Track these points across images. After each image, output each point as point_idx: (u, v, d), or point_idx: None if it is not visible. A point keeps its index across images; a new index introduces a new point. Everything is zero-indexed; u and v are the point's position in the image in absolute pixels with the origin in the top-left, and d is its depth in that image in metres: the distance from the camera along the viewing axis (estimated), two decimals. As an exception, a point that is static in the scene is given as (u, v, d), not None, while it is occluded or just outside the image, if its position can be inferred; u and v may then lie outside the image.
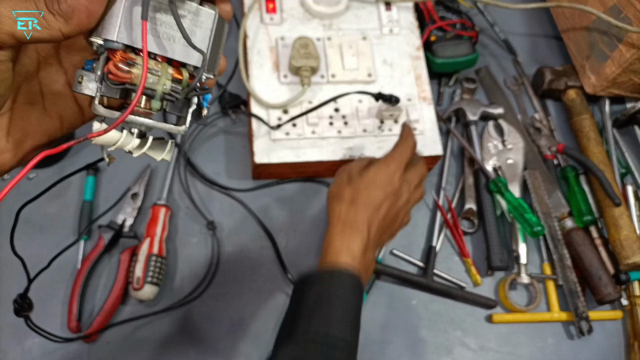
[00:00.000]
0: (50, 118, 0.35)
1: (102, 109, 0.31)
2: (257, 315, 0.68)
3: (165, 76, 0.31)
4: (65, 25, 0.28)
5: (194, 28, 0.31)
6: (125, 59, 0.30)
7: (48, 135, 0.35)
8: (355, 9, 0.81)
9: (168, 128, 0.33)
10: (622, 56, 0.75)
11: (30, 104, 0.34)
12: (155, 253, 0.67)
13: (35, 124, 0.34)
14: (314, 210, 0.75)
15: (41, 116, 0.35)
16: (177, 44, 0.31)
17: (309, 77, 0.73)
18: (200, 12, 0.31)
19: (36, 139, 0.35)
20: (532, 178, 0.78)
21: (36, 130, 0.34)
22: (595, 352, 0.71)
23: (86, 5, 0.28)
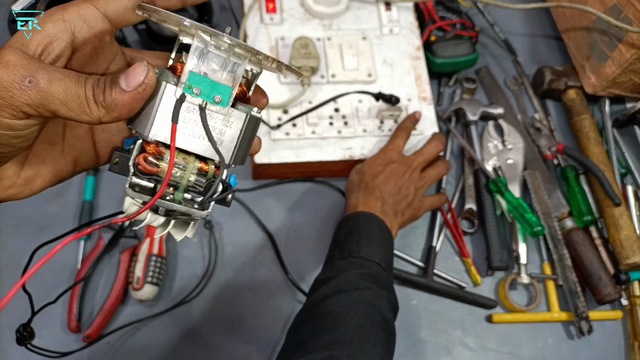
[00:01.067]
0: (65, 160, 0.36)
1: (132, 192, 0.33)
2: (257, 315, 0.68)
3: (191, 170, 0.33)
4: (105, 115, 0.30)
5: (224, 128, 0.33)
6: (155, 154, 0.33)
7: (59, 176, 0.36)
8: (355, 9, 0.81)
9: (191, 212, 0.35)
10: (622, 56, 0.75)
11: (50, 144, 0.35)
12: (155, 253, 0.67)
13: (49, 163, 0.35)
14: (314, 210, 0.75)
15: (57, 157, 0.36)
16: (205, 141, 0.33)
17: (309, 77, 0.73)
18: (232, 114, 0.33)
19: (46, 178, 0.35)
20: (532, 178, 0.78)
21: (49, 170, 0.35)
22: (595, 352, 0.71)
23: (129, 102, 0.31)
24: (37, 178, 0.35)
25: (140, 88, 0.30)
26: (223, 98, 0.33)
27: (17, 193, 0.34)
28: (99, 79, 0.31)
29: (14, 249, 0.68)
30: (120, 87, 0.30)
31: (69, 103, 0.29)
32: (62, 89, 0.29)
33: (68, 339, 0.65)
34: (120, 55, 0.37)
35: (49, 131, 0.35)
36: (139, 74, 0.30)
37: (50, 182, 0.36)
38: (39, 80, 0.28)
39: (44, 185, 0.35)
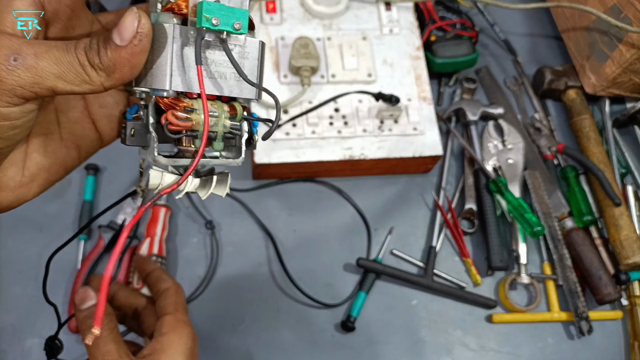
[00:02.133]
0: (67, 148, 0.34)
1: (164, 159, 0.30)
2: (257, 315, 0.68)
3: (223, 115, 0.30)
4: (107, 79, 0.27)
5: (242, 60, 0.31)
6: (183, 107, 0.29)
7: (65, 166, 0.34)
8: (355, 9, 0.81)
9: (227, 163, 0.32)
10: (622, 56, 0.75)
11: (45, 134, 0.33)
12: (155, 253, 0.67)
13: (51, 155, 0.33)
14: (314, 210, 0.75)
15: (57, 147, 0.33)
16: (228, 80, 0.30)
17: (309, 77, 0.73)
18: (246, 43, 0.31)
19: (52, 171, 0.33)
20: (532, 178, 0.78)
21: (52, 162, 0.33)
22: (595, 352, 0.71)
23: (128, 58, 0.27)
24: (41, 173, 0.32)
25: (136, 40, 0.27)
26: (242, 23, 0.29)
27: (26, 193, 0.32)
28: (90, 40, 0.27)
29: (14, 249, 0.68)
30: (115, 43, 0.27)
31: (64, 75, 0.26)
32: (52, 61, 0.26)
33: (68, 339, 0.65)
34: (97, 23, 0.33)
35: (41, 121, 0.32)
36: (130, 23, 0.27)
37: (56, 174, 0.33)
38: (25, 56, 0.26)
39: (51, 179, 0.33)
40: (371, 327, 0.69)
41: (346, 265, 0.72)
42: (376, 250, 0.73)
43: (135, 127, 0.30)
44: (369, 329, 0.69)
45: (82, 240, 0.69)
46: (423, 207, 0.77)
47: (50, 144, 0.33)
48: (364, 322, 0.69)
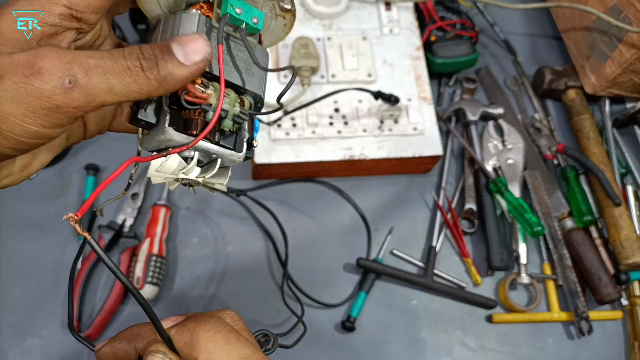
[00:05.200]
0: (59, 139, 0.34)
1: (174, 132, 0.31)
2: (257, 314, 0.68)
3: (235, 99, 0.32)
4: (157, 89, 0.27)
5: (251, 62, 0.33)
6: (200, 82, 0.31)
7: (54, 153, 0.34)
8: (355, 9, 0.81)
9: (229, 154, 0.33)
10: (622, 56, 0.75)
11: None
12: (155, 253, 0.67)
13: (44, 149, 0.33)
14: (314, 210, 0.75)
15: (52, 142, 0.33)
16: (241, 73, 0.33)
17: (309, 77, 0.73)
18: (256, 48, 0.34)
19: (42, 158, 0.33)
20: (532, 178, 0.78)
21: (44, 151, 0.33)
22: (595, 352, 0.71)
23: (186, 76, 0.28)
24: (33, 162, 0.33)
25: (202, 64, 0.28)
26: (259, 20, 0.32)
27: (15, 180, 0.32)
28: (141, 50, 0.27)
29: (14, 249, 0.68)
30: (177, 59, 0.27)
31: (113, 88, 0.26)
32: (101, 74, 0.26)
33: (68, 339, 0.65)
34: None
35: None
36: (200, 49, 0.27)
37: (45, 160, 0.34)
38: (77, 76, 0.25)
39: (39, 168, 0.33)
40: (371, 327, 0.69)
41: (346, 265, 0.72)
42: (376, 250, 0.74)
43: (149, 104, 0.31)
44: (369, 329, 0.69)
45: (82, 240, 0.69)
46: (423, 207, 0.77)
47: None
48: (364, 322, 0.69)
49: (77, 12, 0.27)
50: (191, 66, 0.27)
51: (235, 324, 0.36)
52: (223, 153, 0.33)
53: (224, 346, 0.32)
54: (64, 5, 0.27)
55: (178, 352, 0.33)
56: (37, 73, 0.25)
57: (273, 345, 0.39)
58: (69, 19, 0.28)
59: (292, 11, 0.34)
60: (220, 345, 0.32)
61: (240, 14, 0.31)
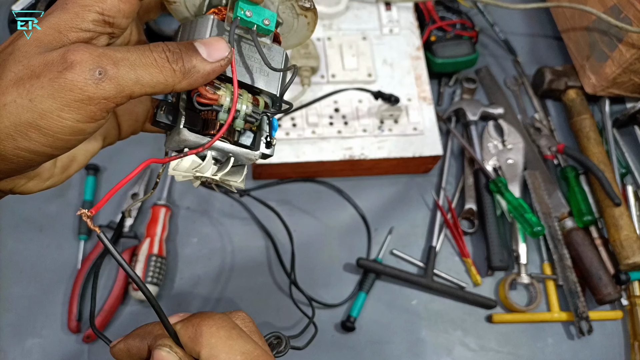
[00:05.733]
0: (96, 140, 0.36)
1: (189, 133, 0.32)
2: (257, 315, 0.68)
3: (247, 99, 0.33)
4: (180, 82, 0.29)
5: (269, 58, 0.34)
6: (212, 84, 0.32)
7: (91, 155, 0.36)
8: (355, 9, 0.81)
9: (245, 153, 0.34)
10: (622, 56, 0.75)
11: None
12: (155, 253, 0.67)
13: (82, 147, 0.34)
14: (314, 210, 0.75)
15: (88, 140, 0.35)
16: (255, 73, 0.34)
17: (309, 77, 0.73)
18: (272, 47, 0.35)
19: (80, 161, 0.35)
20: (532, 178, 0.78)
21: (81, 153, 0.35)
22: (595, 352, 0.71)
23: (209, 72, 0.30)
24: (72, 163, 0.34)
25: (224, 61, 0.30)
26: (271, 22, 0.33)
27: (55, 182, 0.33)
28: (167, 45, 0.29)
29: (14, 249, 0.68)
30: (201, 55, 0.29)
31: (140, 78, 0.28)
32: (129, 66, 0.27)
33: (68, 339, 0.65)
34: None
35: None
36: (222, 48, 0.30)
37: (83, 162, 0.35)
38: (106, 67, 0.27)
39: (78, 169, 0.35)
40: (371, 327, 0.69)
41: (346, 265, 0.73)
42: (376, 250, 0.74)
43: (166, 105, 0.33)
44: (369, 329, 0.69)
45: (82, 240, 0.69)
46: (423, 207, 0.77)
47: None
48: (364, 322, 0.69)
49: (109, 17, 0.29)
50: (214, 63, 0.30)
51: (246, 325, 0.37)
52: (239, 152, 0.34)
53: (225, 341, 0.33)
54: (97, 12, 0.28)
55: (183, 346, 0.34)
56: (69, 67, 0.26)
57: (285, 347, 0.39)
58: (101, 24, 0.29)
59: (312, 9, 0.35)
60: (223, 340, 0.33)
61: (251, 16, 0.32)
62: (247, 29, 0.33)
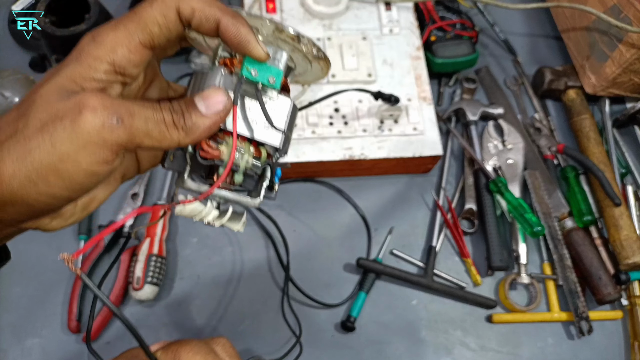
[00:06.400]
0: (115, 179, 0.37)
1: (191, 182, 0.34)
2: (257, 315, 0.68)
3: (248, 154, 0.34)
4: (184, 138, 0.31)
5: (273, 113, 0.35)
6: (215, 138, 0.34)
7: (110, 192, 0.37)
8: (355, 9, 0.81)
9: (245, 201, 0.36)
10: (622, 56, 0.75)
11: None
12: (155, 253, 0.67)
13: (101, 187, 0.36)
14: (314, 210, 0.75)
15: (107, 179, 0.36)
16: (258, 126, 0.35)
17: (309, 77, 0.73)
18: (279, 100, 0.36)
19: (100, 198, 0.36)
20: (532, 178, 0.78)
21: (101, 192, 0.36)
22: (595, 352, 0.71)
23: (210, 125, 0.31)
24: (92, 202, 0.35)
25: (222, 113, 0.32)
26: (276, 79, 0.35)
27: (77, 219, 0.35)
28: (171, 104, 0.31)
29: (14, 249, 0.68)
30: (200, 111, 0.31)
31: (151, 132, 0.30)
32: (143, 120, 0.29)
33: (68, 339, 0.65)
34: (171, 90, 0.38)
35: None
36: (219, 100, 0.32)
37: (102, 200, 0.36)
38: (124, 116, 0.29)
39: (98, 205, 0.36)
40: (371, 327, 0.69)
41: (346, 265, 0.73)
42: (376, 250, 0.74)
43: (175, 154, 0.35)
44: (369, 329, 0.69)
45: (82, 240, 0.69)
46: (423, 207, 0.77)
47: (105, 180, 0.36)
48: (364, 322, 0.69)
49: (120, 67, 0.31)
50: (212, 116, 0.31)
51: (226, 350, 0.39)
52: (239, 200, 0.36)
53: None
54: (108, 63, 0.30)
55: None
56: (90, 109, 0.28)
57: None
58: (113, 74, 0.31)
59: (324, 59, 0.36)
60: None
61: (256, 76, 0.34)
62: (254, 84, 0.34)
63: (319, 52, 0.36)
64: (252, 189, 0.37)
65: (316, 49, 0.35)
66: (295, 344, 0.65)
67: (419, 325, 0.70)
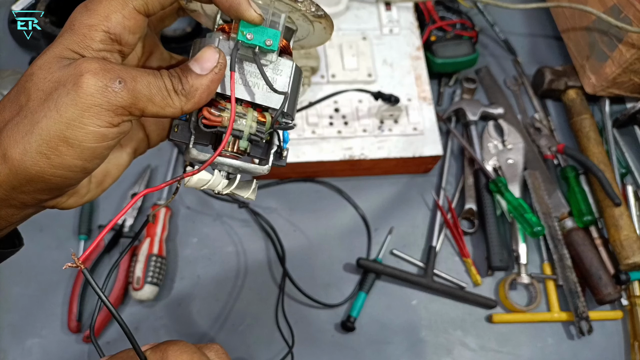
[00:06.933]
0: (127, 153, 0.37)
1: (196, 152, 0.34)
2: (257, 315, 0.68)
3: (251, 119, 0.34)
4: (186, 103, 0.31)
5: (275, 76, 0.35)
6: (217, 105, 0.34)
7: (123, 167, 0.37)
8: (355, 9, 0.81)
9: (253, 168, 0.36)
10: (622, 56, 0.75)
11: None
12: (155, 253, 0.67)
13: (114, 162, 0.36)
14: (314, 210, 0.75)
15: (119, 154, 0.37)
16: (260, 90, 0.34)
17: (309, 77, 0.73)
18: (279, 62, 0.35)
19: (114, 174, 0.37)
20: (532, 178, 0.78)
21: (114, 167, 0.36)
22: (595, 352, 0.71)
23: (207, 84, 0.31)
24: (107, 178, 0.36)
25: (217, 69, 0.31)
26: (273, 42, 0.34)
27: (92, 196, 0.35)
28: (170, 71, 0.31)
29: (14, 249, 0.68)
30: (195, 72, 0.31)
31: (153, 97, 0.30)
32: (145, 84, 0.29)
33: (68, 339, 0.65)
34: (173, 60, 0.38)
35: None
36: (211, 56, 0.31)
37: (116, 175, 0.37)
38: (127, 79, 0.29)
39: (112, 182, 0.37)
40: (371, 327, 0.69)
41: (346, 265, 0.73)
42: (376, 250, 0.74)
43: (180, 124, 0.35)
44: (369, 329, 0.69)
45: (82, 240, 0.69)
46: (423, 207, 0.77)
47: (115, 153, 0.37)
48: (364, 322, 0.69)
49: (115, 35, 0.30)
50: (208, 74, 0.31)
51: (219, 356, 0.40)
52: (246, 168, 0.35)
53: None
54: (103, 31, 0.30)
55: None
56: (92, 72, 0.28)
57: None
58: (109, 42, 0.30)
59: (324, 17, 0.35)
60: None
61: (252, 39, 0.33)
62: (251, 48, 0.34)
63: (318, 10, 0.35)
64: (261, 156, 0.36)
65: (315, 7, 0.35)
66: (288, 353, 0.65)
67: (419, 325, 0.70)
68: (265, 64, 0.34)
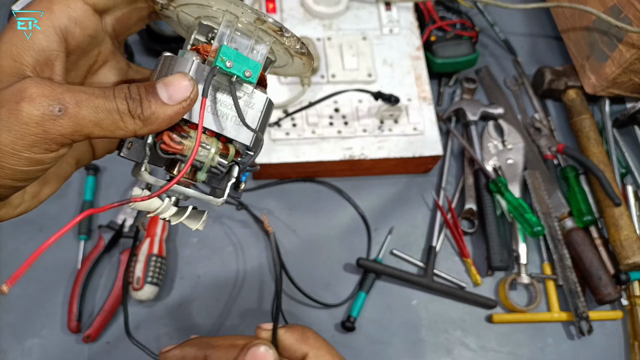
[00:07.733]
0: (68, 164, 0.35)
1: (148, 176, 0.32)
2: (258, 315, 0.68)
3: (214, 150, 0.32)
4: (142, 128, 0.28)
5: (246, 108, 0.33)
6: (179, 131, 0.31)
7: (64, 179, 0.35)
8: (355, 9, 0.81)
9: (207, 199, 0.34)
10: (622, 56, 0.75)
11: None
12: (155, 253, 0.67)
13: (54, 173, 0.34)
14: (314, 210, 0.75)
15: (59, 165, 0.34)
16: (229, 122, 0.32)
17: (309, 77, 0.73)
18: (254, 95, 0.33)
19: (53, 186, 0.34)
20: (532, 178, 0.78)
21: (54, 179, 0.34)
22: (595, 352, 0.71)
23: (171, 116, 0.28)
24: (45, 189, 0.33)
25: (185, 102, 0.29)
26: (253, 73, 0.31)
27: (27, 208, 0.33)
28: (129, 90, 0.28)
29: (14, 249, 0.68)
30: (161, 99, 0.28)
31: (101, 122, 0.27)
32: (91, 109, 0.27)
33: (68, 339, 0.65)
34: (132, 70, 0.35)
35: None
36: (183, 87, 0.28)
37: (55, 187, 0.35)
38: (67, 106, 0.26)
39: (50, 193, 0.34)
40: (371, 327, 0.69)
41: (346, 265, 0.73)
42: (376, 250, 0.74)
43: (134, 142, 0.32)
44: (369, 329, 0.69)
45: (82, 240, 0.69)
46: (423, 207, 0.77)
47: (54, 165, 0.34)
48: (364, 322, 0.69)
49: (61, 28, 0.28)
50: (174, 106, 0.28)
51: None
52: (200, 198, 0.33)
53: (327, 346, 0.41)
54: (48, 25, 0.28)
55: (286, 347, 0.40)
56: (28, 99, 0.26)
57: None
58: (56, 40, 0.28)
59: (306, 55, 0.34)
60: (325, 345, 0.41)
61: (231, 67, 0.31)
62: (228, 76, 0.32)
63: (302, 48, 0.33)
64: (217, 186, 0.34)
65: (300, 44, 0.33)
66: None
67: (418, 325, 0.70)
68: (240, 96, 0.32)
